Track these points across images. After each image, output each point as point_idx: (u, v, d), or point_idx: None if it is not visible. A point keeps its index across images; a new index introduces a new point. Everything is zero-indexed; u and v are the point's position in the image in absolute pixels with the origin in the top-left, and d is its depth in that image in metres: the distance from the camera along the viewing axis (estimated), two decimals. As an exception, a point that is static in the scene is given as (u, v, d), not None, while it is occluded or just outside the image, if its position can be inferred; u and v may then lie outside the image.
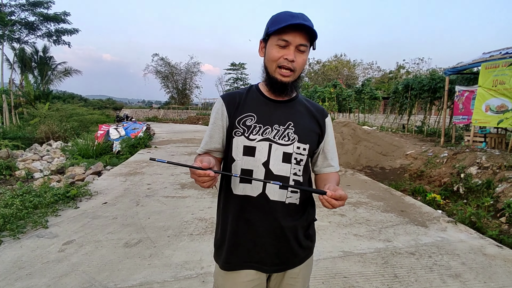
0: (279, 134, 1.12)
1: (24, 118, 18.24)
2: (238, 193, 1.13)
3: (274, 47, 1.06)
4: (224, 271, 1.18)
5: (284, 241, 1.14)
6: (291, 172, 1.12)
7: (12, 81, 20.50)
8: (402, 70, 33.74)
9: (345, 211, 4.12)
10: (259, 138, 1.11)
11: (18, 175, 6.90)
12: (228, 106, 1.17)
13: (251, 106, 1.16)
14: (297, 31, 1.03)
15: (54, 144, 11.46)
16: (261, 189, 1.11)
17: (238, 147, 1.13)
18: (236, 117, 1.14)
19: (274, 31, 1.04)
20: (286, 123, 1.14)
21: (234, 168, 1.14)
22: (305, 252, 1.22)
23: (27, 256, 2.77)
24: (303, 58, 1.08)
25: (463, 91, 8.09)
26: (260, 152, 1.11)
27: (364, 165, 7.51)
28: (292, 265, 1.19)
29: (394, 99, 13.75)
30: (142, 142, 10.09)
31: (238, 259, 1.15)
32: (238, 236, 1.15)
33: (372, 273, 2.60)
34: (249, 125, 1.13)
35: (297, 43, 1.04)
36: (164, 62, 39.74)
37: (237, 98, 1.18)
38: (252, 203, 1.12)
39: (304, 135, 1.14)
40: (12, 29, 18.62)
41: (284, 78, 1.08)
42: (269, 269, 1.16)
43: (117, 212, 3.96)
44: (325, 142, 1.23)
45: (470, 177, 5.15)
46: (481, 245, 3.17)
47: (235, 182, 1.14)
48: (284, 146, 1.12)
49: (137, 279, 2.44)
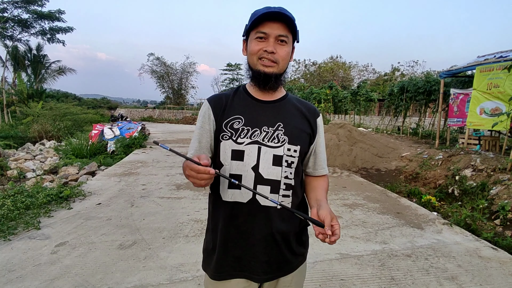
0: (268, 136, 1.07)
1: (17, 117, 17.99)
2: (228, 200, 1.08)
3: (253, 41, 1.05)
4: (214, 282, 1.14)
5: (275, 248, 1.10)
6: (282, 175, 1.08)
7: (5, 79, 20.24)
8: (397, 73, 34.02)
9: (342, 213, 4.11)
10: (247, 141, 1.07)
11: (10, 175, 6.79)
12: (215, 109, 1.12)
13: (238, 108, 1.11)
14: (274, 22, 1.01)
15: (47, 144, 11.31)
16: (251, 195, 1.06)
17: (226, 151, 1.08)
18: (223, 120, 1.09)
19: (251, 25, 1.03)
20: (275, 124, 1.09)
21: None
22: (298, 259, 1.18)
23: (18, 259, 2.71)
24: (284, 50, 1.04)
25: (458, 94, 8.15)
26: (249, 156, 1.06)
27: (360, 167, 7.53)
28: (284, 273, 1.15)
29: (389, 101, 13.84)
30: (137, 142, 9.99)
31: (228, 268, 1.11)
32: (228, 245, 1.10)
33: (369, 276, 2.59)
34: (236, 128, 1.08)
35: (276, 34, 1.02)
36: (159, 62, 39.53)
37: (224, 100, 1.13)
38: (242, 210, 1.07)
39: (294, 136, 1.10)
40: (4, 26, 18.37)
41: (267, 68, 1.04)
42: (260, 278, 1.11)
43: (111, 213, 3.90)
44: (317, 143, 1.19)
45: (465, 179, 5.18)
46: (476, 248, 3.18)
47: (224, 188, 1.09)
48: (274, 149, 1.07)
49: (131, 282, 2.40)
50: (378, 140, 8.82)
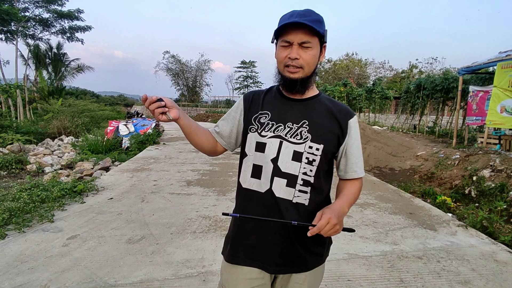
0: (292, 132, 1.12)
1: (38, 113, 18.63)
2: (246, 187, 1.16)
3: (279, 48, 1.10)
4: (228, 265, 1.19)
5: (288, 242, 1.12)
6: (300, 171, 1.11)
7: (27, 77, 20.96)
8: (415, 70, 33.14)
9: (352, 212, 4.04)
10: (270, 134, 1.13)
11: (29, 169, 7.04)
12: (245, 103, 1.22)
13: (267, 104, 1.19)
14: (296, 30, 1.04)
15: (66, 139, 11.66)
16: (269, 185, 1.11)
17: (251, 142, 1.16)
18: (252, 114, 1.18)
19: (276, 33, 1.08)
20: (300, 122, 1.13)
21: (246, 163, 1.18)
22: (314, 259, 1.18)
23: (31, 250, 2.79)
24: (309, 54, 1.07)
25: (477, 91, 7.86)
26: (270, 148, 1.12)
27: (373, 166, 7.38)
28: (297, 269, 1.16)
29: (405, 99, 13.52)
30: (150, 138, 10.15)
31: (242, 254, 1.16)
32: (243, 231, 1.17)
33: (377, 277, 2.53)
34: (262, 122, 1.15)
35: (298, 41, 1.05)
36: (175, 60, 40.05)
37: (256, 96, 1.23)
38: (260, 199, 1.13)
39: (318, 135, 1.11)
40: (26, 25, 18.99)
41: (292, 74, 1.09)
42: (272, 269, 1.15)
43: (122, 208, 3.97)
44: (348, 145, 1.16)
45: (483, 180, 4.99)
46: (492, 251, 3.05)
47: (245, 176, 1.17)
48: (295, 145, 1.11)
49: (137, 276, 2.43)
50: (393, 138, 8.63)
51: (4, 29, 17.44)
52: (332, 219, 0.99)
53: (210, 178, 5.74)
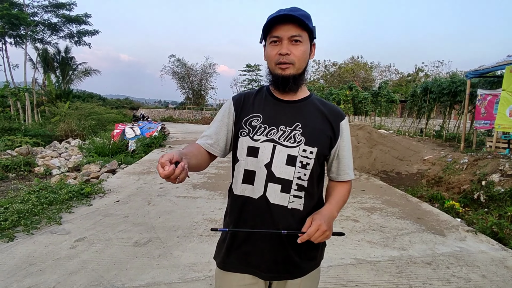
0: (285, 136, 1.08)
1: (46, 116, 18.84)
2: (239, 194, 1.12)
3: (269, 46, 1.07)
4: (222, 271, 1.16)
5: (282, 249, 1.09)
6: (294, 175, 1.07)
7: (35, 80, 21.25)
8: (421, 73, 32.89)
9: (359, 217, 4.01)
10: (263, 138, 1.08)
11: (37, 172, 7.10)
12: (236, 106, 1.16)
13: (258, 106, 1.14)
14: (285, 24, 1.02)
15: (73, 142, 11.76)
16: (262, 191, 1.07)
17: (243, 147, 1.11)
18: (243, 117, 1.13)
19: (264, 31, 1.06)
20: (293, 124, 1.09)
21: (237, 168, 1.13)
22: (308, 264, 1.16)
23: (39, 252, 2.81)
24: (300, 49, 1.04)
25: (485, 95, 7.77)
26: (263, 153, 1.08)
27: (380, 170, 7.32)
28: (292, 275, 1.14)
29: (412, 103, 13.43)
30: (156, 141, 10.21)
31: (235, 260, 1.13)
32: (235, 238, 1.13)
33: (385, 283, 2.50)
34: (254, 126, 1.10)
35: (288, 35, 1.02)
36: (180, 63, 40.20)
37: (246, 99, 1.17)
38: (253, 205, 1.09)
39: (312, 138, 1.09)
40: (35, 29, 19.28)
41: (284, 71, 1.06)
42: (266, 275, 1.12)
43: (128, 211, 3.99)
44: (340, 147, 1.15)
45: (492, 184, 4.91)
46: (503, 257, 3.00)
47: (237, 182, 1.12)
48: (289, 148, 1.07)
49: (144, 279, 2.43)
50: (400, 142, 8.56)
51: (14, 33, 17.70)
52: (322, 225, 0.98)
53: (215, 181, 5.74)
